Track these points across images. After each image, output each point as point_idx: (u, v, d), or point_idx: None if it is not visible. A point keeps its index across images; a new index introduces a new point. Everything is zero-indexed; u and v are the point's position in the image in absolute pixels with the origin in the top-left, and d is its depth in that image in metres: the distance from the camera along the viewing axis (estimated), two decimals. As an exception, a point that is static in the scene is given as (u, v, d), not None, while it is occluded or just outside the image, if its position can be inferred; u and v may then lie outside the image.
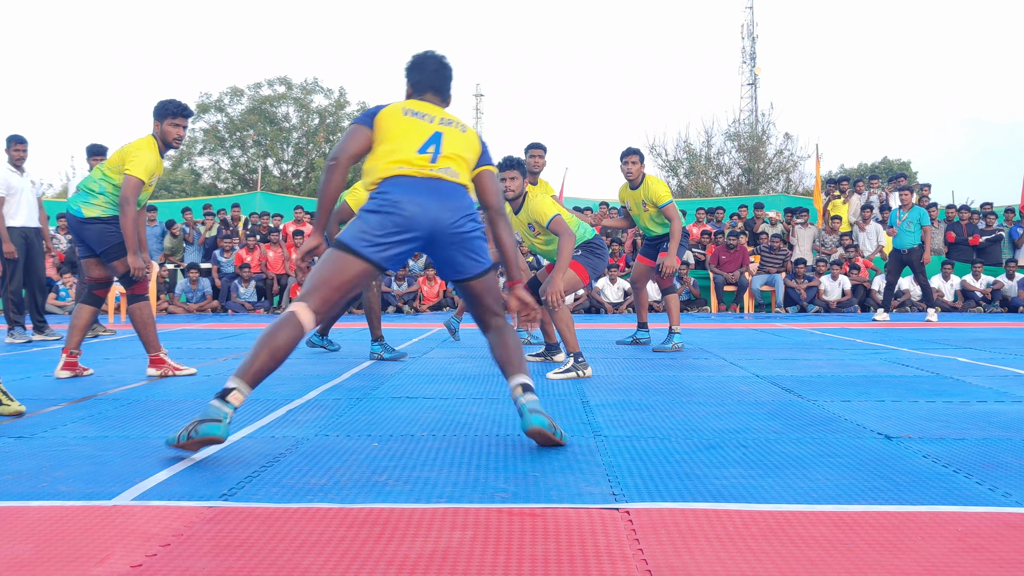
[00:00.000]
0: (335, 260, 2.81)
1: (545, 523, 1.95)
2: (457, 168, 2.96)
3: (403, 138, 2.93)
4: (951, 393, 3.98)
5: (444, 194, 2.87)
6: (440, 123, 3.02)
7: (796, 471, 2.45)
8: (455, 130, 3.03)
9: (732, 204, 16.35)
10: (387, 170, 2.88)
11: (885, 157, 33.66)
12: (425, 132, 2.96)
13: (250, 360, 2.68)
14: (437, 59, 3.16)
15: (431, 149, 2.93)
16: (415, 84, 3.16)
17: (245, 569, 1.67)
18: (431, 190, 2.85)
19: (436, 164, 2.90)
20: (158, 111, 4.67)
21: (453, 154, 2.96)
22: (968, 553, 1.75)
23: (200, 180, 32.20)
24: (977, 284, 12.90)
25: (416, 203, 2.81)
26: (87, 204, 4.57)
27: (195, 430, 2.56)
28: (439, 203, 2.84)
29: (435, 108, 3.08)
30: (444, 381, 4.48)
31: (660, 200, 6.08)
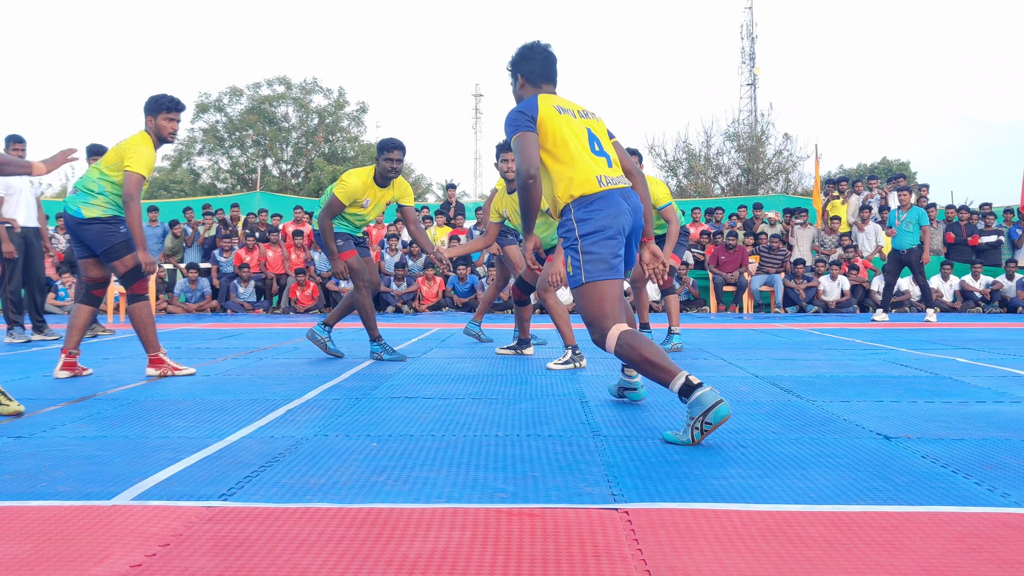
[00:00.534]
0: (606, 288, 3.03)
1: (544, 523, 1.96)
2: (621, 169, 3.26)
3: (577, 143, 3.15)
4: (950, 393, 3.98)
5: (631, 198, 3.18)
6: (581, 116, 3.26)
7: (795, 471, 2.45)
8: (594, 121, 3.30)
9: (731, 204, 16.35)
10: (588, 183, 3.09)
11: (884, 157, 33.70)
12: (581, 129, 3.20)
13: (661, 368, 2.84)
14: (543, 48, 3.37)
15: (596, 147, 3.20)
16: (528, 75, 3.36)
17: (244, 569, 1.67)
18: (624, 197, 3.14)
19: (613, 170, 3.18)
20: (151, 106, 4.66)
21: (609, 148, 3.26)
22: (967, 553, 1.75)
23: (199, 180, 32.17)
24: (976, 284, 12.91)
25: (622, 212, 3.09)
26: (87, 204, 4.56)
27: (706, 422, 2.72)
28: (631, 207, 3.15)
29: (568, 101, 3.29)
30: (443, 381, 4.48)
31: (659, 202, 6.07)
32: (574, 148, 3.11)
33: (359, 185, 5.37)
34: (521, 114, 3.12)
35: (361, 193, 5.40)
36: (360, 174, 5.44)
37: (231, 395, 3.99)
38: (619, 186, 3.12)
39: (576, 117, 3.21)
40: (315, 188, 29.98)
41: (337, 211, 5.40)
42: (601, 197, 3.07)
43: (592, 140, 3.18)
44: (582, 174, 3.08)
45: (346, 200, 5.37)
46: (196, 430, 3.10)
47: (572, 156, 3.10)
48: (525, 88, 3.35)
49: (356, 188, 5.36)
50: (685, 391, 2.76)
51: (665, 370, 2.82)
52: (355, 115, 33.09)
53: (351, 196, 5.37)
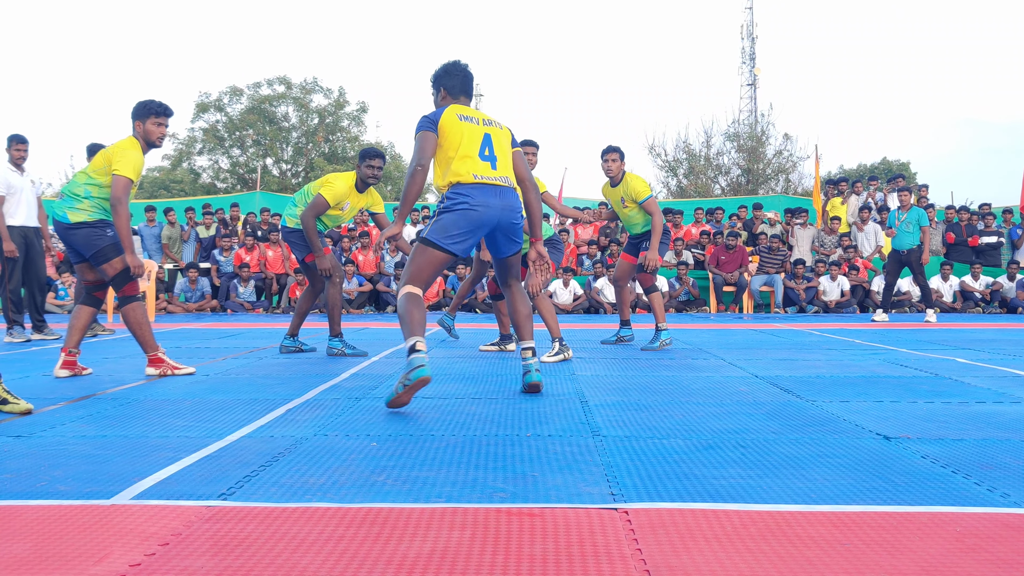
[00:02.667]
0: (423, 253, 3.67)
1: (544, 523, 1.95)
2: (509, 172, 3.85)
3: (468, 145, 3.72)
4: (950, 394, 3.98)
5: (505, 197, 3.75)
6: (484, 124, 3.83)
7: (795, 471, 2.45)
8: (496, 128, 3.87)
9: (731, 204, 16.35)
10: (464, 176, 3.69)
11: (884, 158, 33.70)
12: (479, 135, 3.77)
13: (410, 325, 3.51)
14: (463, 67, 3.96)
15: (487, 152, 3.76)
16: (449, 88, 3.94)
17: (244, 568, 1.67)
18: (497, 194, 3.72)
19: (497, 171, 3.76)
20: (139, 111, 4.68)
21: (502, 153, 3.83)
22: (966, 554, 1.75)
23: (199, 180, 32.18)
24: (976, 285, 12.91)
25: (486, 205, 3.69)
26: (72, 209, 4.56)
27: (407, 378, 3.36)
28: (502, 204, 3.73)
29: (474, 111, 3.88)
30: (442, 381, 4.48)
31: (639, 196, 6.13)
32: (464, 149, 3.70)
33: (344, 188, 5.69)
34: (427, 119, 3.75)
35: (345, 196, 5.70)
36: (345, 178, 5.75)
37: (231, 395, 3.99)
38: (494, 183, 3.71)
39: (479, 124, 3.80)
40: (315, 188, 29.91)
41: (322, 211, 5.66)
42: (471, 186, 3.68)
43: (485, 145, 3.75)
44: (462, 168, 3.69)
45: (333, 201, 5.64)
46: (196, 429, 3.10)
47: (460, 155, 3.70)
48: (446, 99, 3.94)
49: (342, 191, 5.67)
50: (409, 351, 3.42)
51: (408, 330, 3.50)
52: (355, 115, 33.10)
53: (337, 198, 5.66)
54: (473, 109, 3.87)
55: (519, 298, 4.02)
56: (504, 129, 3.91)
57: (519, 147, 3.99)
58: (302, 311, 6.04)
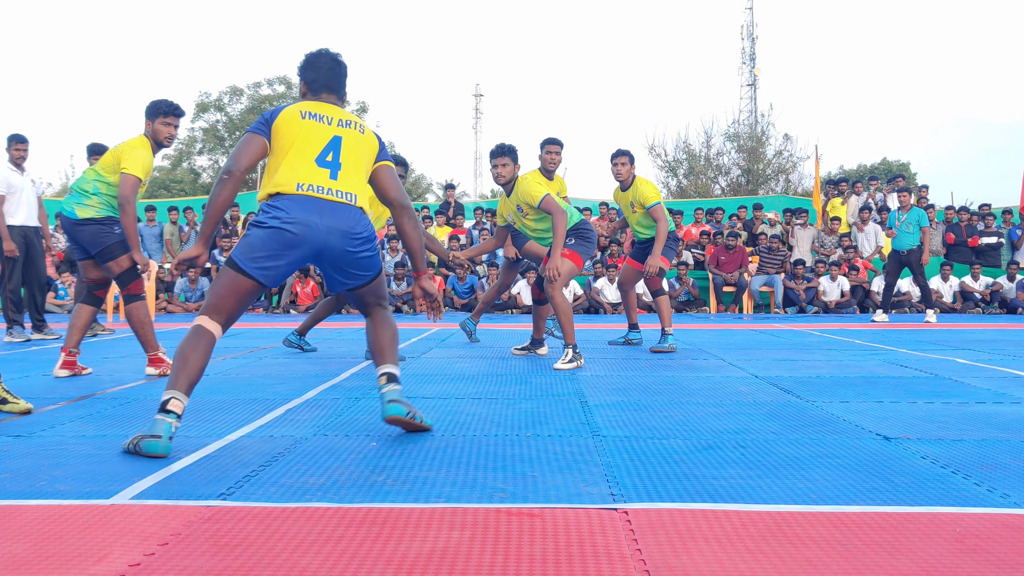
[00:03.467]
0: (226, 277, 2.83)
1: (543, 523, 1.95)
2: (355, 186, 2.97)
3: (303, 146, 2.92)
4: (950, 394, 3.98)
5: (340, 217, 2.87)
6: (338, 125, 3.01)
7: (794, 472, 2.45)
8: (354, 132, 3.03)
9: (731, 205, 16.35)
10: (285, 185, 2.86)
11: (884, 158, 33.71)
12: (324, 137, 2.96)
13: (174, 376, 2.70)
14: (331, 57, 3.15)
15: (329, 157, 2.94)
16: (310, 83, 3.13)
17: (243, 568, 1.67)
18: (326, 211, 2.86)
19: (336, 183, 2.92)
20: (150, 110, 4.70)
21: (351, 163, 2.97)
22: (966, 554, 1.75)
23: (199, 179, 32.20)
24: (976, 285, 12.91)
25: (308, 222, 2.82)
26: (80, 205, 4.57)
27: (135, 444, 2.64)
28: (333, 225, 2.85)
29: (332, 108, 3.06)
30: (442, 381, 4.48)
31: (648, 201, 6.09)
32: (296, 153, 2.91)
33: None
34: (260, 119, 3.02)
35: None
36: None
37: (230, 394, 3.99)
38: (326, 197, 2.87)
39: (329, 125, 2.99)
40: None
41: None
42: (289, 198, 2.85)
43: (330, 150, 2.95)
44: (286, 176, 2.88)
45: None
46: (195, 429, 3.10)
47: (288, 160, 2.91)
48: (307, 96, 3.14)
49: None
50: (160, 407, 2.66)
51: (172, 379, 2.70)
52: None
53: None
54: (331, 107, 3.07)
55: (380, 323, 3.11)
56: (367, 134, 3.08)
57: (387, 161, 3.11)
58: (318, 316, 6.02)
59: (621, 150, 6.23)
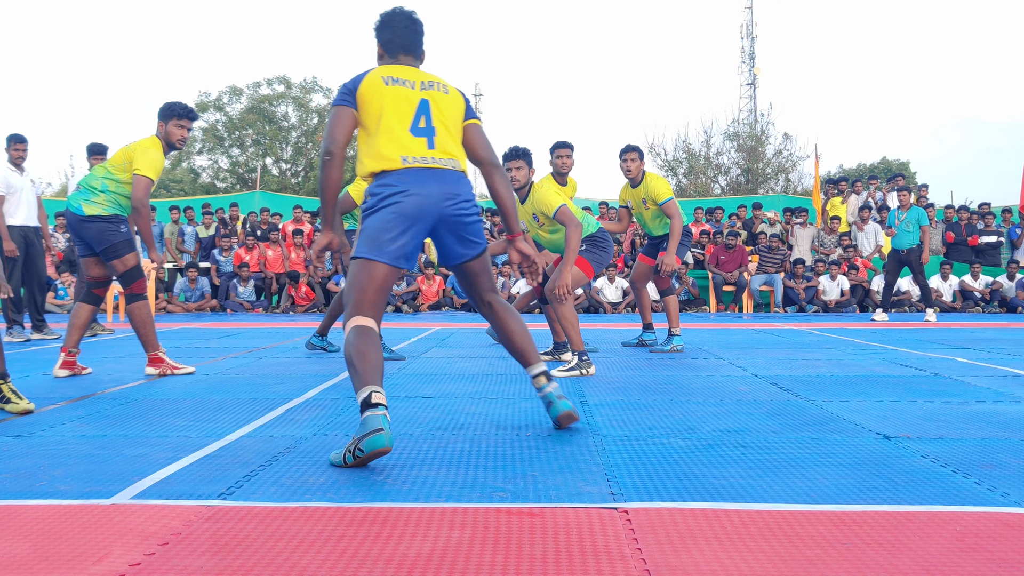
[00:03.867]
0: (362, 273, 2.78)
1: (544, 522, 1.95)
2: (452, 150, 2.93)
3: (393, 116, 2.84)
4: (950, 393, 3.98)
5: (449, 184, 2.85)
6: (422, 87, 2.94)
7: (795, 471, 2.45)
8: (439, 93, 2.96)
9: (731, 204, 16.35)
10: (391, 160, 2.82)
11: (884, 157, 33.71)
12: (412, 102, 2.89)
13: (363, 374, 2.58)
14: (406, 15, 3.04)
15: (422, 123, 2.87)
16: (386, 44, 3.04)
17: (243, 568, 1.67)
18: (436, 179, 2.83)
19: (435, 151, 2.87)
20: (164, 112, 4.72)
21: (443, 127, 2.92)
22: (966, 553, 1.75)
23: (199, 179, 32.18)
24: (976, 284, 12.91)
25: (423, 192, 2.79)
26: (88, 202, 4.56)
27: (359, 448, 2.44)
28: (442, 191, 2.82)
29: (413, 71, 2.98)
30: (443, 381, 4.48)
31: (660, 197, 5.96)
32: (388, 124, 2.84)
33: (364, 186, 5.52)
34: (343, 89, 2.91)
35: None
36: None
37: (230, 394, 3.99)
38: (431, 166, 2.84)
39: (414, 88, 2.91)
40: (315, 187, 29.98)
41: (349, 209, 5.58)
42: (399, 172, 2.81)
43: (420, 115, 2.89)
44: (386, 150, 2.83)
45: (360, 200, 5.53)
46: (195, 429, 3.10)
47: (382, 130, 2.84)
48: (384, 58, 3.06)
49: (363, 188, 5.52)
50: (363, 406, 2.52)
51: (360, 378, 2.58)
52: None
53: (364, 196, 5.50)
54: (412, 69, 2.99)
55: (505, 317, 3.10)
56: (452, 93, 3.00)
57: (475, 119, 3.06)
58: (334, 313, 5.99)
59: (631, 146, 6.11)
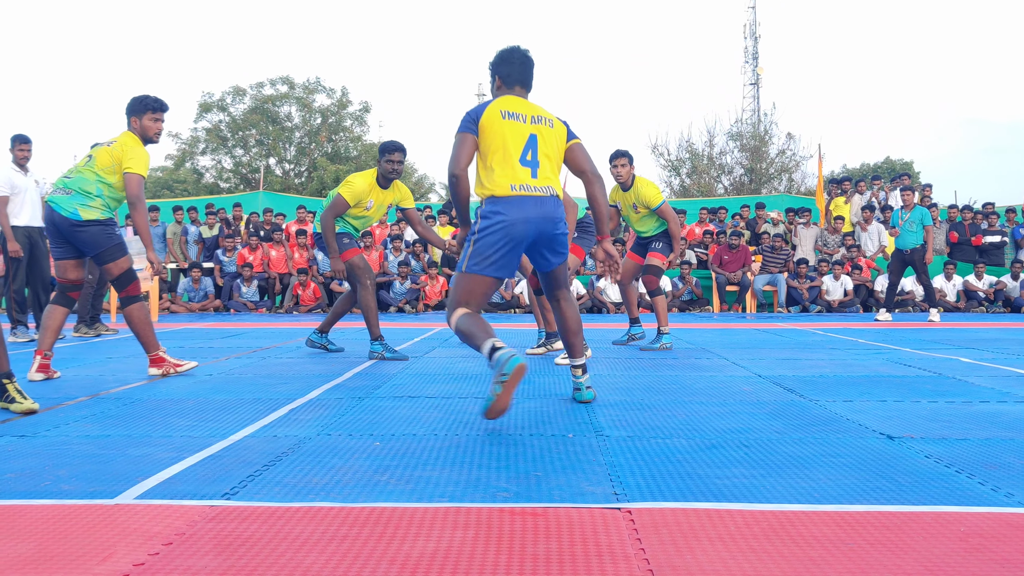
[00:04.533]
0: (471, 283, 3.39)
1: (547, 522, 1.96)
2: (552, 180, 3.51)
3: (507, 148, 3.41)
4: (953, 393, 3.97)
5: (546, 208, 3.42)
6: (532, 122, 3.49)
7: (798, 471, 2.45)
8: (545, 127, 3.53)
9: (734, 204, 16.33)
10: (501, 188, 3.38)
11: (888, 157, 33.66)
12: (523, 136, 3.45)
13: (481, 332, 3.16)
14: (522, 53, 3.61)
15: (529, 156, 3.44)
16: (504, 78, 3.61)
17: (247, 568, 1.67)
18: (537, 205, 3.40)
19: (537, 180, 3.44)
20: (136, 107, 4.64)
21: (546, 157, 3.50)
22: (970, 553, 1.75)
23: (202, 180, 32.21)
24: (980, 284, 12.88)
25: (526, 218, 3.38)
26: (84, 207, 4.48)
27: (501, 374, 2.91)
28: (540, 215, 3.40)
29: (526, 104, 3.54)
30: (446, 380, 4.48)
31: (653, 203, 6.16)
32: (502, 154, 3.40)
33: (364, 186, 5.53)
34: (468, 117, 3.47)
35: (366, 194, 5.56)
36: (365, 176, 5.61)
37: (234, 394, 3.99)
38: (534, 194, 3.40)
39: (525, 123, 3.46)
40: (318, 188, 30.01)
41: (341, 211, 5.53)
42: (507, 200, 3.36)
43: (528, 148, 3.44)
44: (500, 178, 3.38)
45: (352, 200, 5.50)
46: (199, 429, 3.11)
47: (497, 161, 3.40)
48: (501, 89, 3.61)
49: (362, 189, 5.52)
50: (490, 354, 3.02)
51: (481, 337, 3.12)
52: (358, 115, 33.10)
53: (357, 197, 5.52)
54: (526, 102, 3.55)
55: (568, 311, 3.68)
56: (557, 127, 3.57)
57: (575, 139, 3.64)
58: (337, 311, 5.98)
59: (620, 151, 6.23)
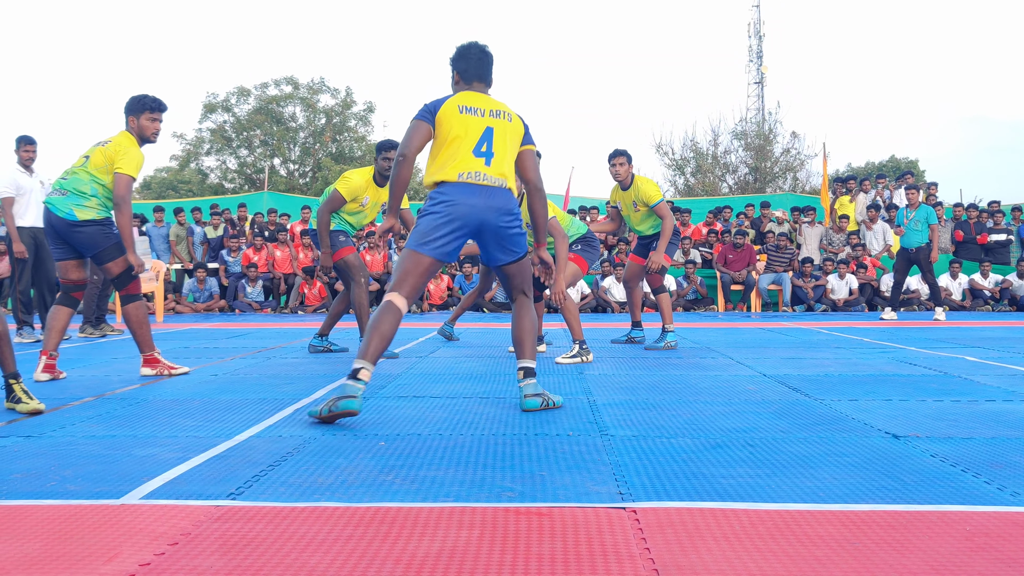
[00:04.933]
0: (408, 260, 3.40)
1: (552, 522, 1.96)
2: (504, 171, 3.50)
3: (461, 139, 3.44)
4: (959, 392, 3.96)
5: (493, 198, 3.43)
6: (490, 115, 3.52)
7: (803, 470, 2.44)
8: (503, 121, 3.54)
9: (739, 203, 16.31)
10: (448, 174, 3.42)
11: (892, 155, 33.58)
12: (479, 128, 3.47)
13: (367, 345, 3.22)
14: (479, 48, 3.62)
15: (484, 148, 3.46)
16: (462, 73, 3.61)
17: (252, 568, 1.68)
18: (483, 194, 3.42)
19: (490, 170, 3.45)
20: (134, 106, 4.63)
21: (501, 150, 3.50)
22: (976, 552, 1.75)
23: (207, 180, 32.27)
24: (985, 283, 12.84)
25: (469, 203, 3.39)
26: (80, 207, 4.49)
27: (335, 405, 3.10)
28: (487, 204, 3.41)
29: (484, 99, 3.56)
30: (450, 380, 4.48)
31: (651, 200, 6.14)
32: (456, 145, 3.45)
33: (361, 183, 5.62)
34: (425, 108, 3.52)
35: (362, 191, 5.64)
36: (362, 173, 5.69)
37: (239, 394, 4.00)
38: (482, 183, 3.43)
39: (482, 116, 3.50)
40: (322, 188, 30.03)
41: (337, 206, 5.62)
42: (455, 185, 3.41)
43: (484, 141, 3.47)
44: (450, 165, 3.43)
45: (348, 196, 5.59)
46: (204, 429, 3.11)
47: (451, 151, 3.45)
48: (460, 84, 3.63)
49: (358, 185, 5.61)
50: (351, 374, 3.17)
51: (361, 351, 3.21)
52: (362, 115, 33.15)
53: (353, 192, 5.60)
54: (485, 97, 3.57)
55: (522, 312, 3.64)
56: (515, 122, 3.57)
57: (530, 145, 3.62)
58: (335, 312, 6.05)
59: (618, 150, 6.24)
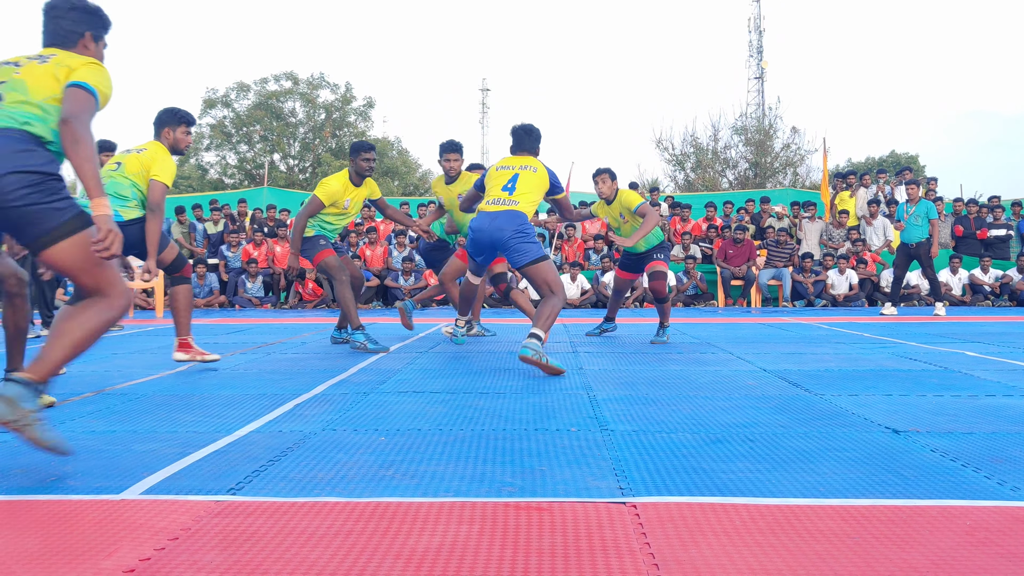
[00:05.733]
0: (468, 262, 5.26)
1: (552, 517, 1.96)
2: (521, 201, 4.77)
3: (493, 188, 4.89)
4: (959, 387, 3.96)
5: (503, 219, 4.70)
6: (519, 168, 4.91)
7: (803, 465, 2.44)
8: (528, 172, 4.90)
9: (739, 198, 16.29)
10: (482, 205, 4.91)
11: (893, 150, 33.56)
12: (508, 175, 4.88)
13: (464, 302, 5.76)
14: (521, 127, 5.11)
15: (509, 186, 4.80)
16: (511, 147, 5.14)
17: (252, 563, 1.68)
18: (497, 217, 4.72)
19: (512, 196, 4.76)
20: (170, 119, 4.89)
21: (524, 188, 4.80)
22: (976, 547, 1.75)
23: (207, 175, 32.26)
24: (985, 278, 12.84)
25: (479, 229, 4.76)
26: (124, 207, 4.68)
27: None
28: (498, 224, 4.70)
29: (518, 159, 5.01)
30: (450, 376, 4.48)
31: (633, 204, 6.18)
32: (490, 190, 4.91)
33: (338, 187, 5.80)
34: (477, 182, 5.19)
35: (341, 195, 5.82)
36: (337, 178, 5.88)
37: (239, 390, 4.00)
38: (499, 208, 4.75)
39: (514, 169, 4.89)
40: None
41: (315, 211, 5.79)
42: (481, 213, 4.83)
43: (511, 183, 4.82)
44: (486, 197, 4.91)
45: (327, 200, 5.77)
46: (204, 425, 3.11)
47: (487, 193, 4.93)
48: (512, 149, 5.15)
49: (336, 189, 5.78)
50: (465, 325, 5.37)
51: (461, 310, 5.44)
52: (362, 110, 33.12)
53: (332, 197, 5.79)
54: (518, 157, 5.01)
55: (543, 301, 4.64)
56: (539, 173, 4.91)
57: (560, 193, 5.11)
58: None
59: (600, 169, 6.38)
